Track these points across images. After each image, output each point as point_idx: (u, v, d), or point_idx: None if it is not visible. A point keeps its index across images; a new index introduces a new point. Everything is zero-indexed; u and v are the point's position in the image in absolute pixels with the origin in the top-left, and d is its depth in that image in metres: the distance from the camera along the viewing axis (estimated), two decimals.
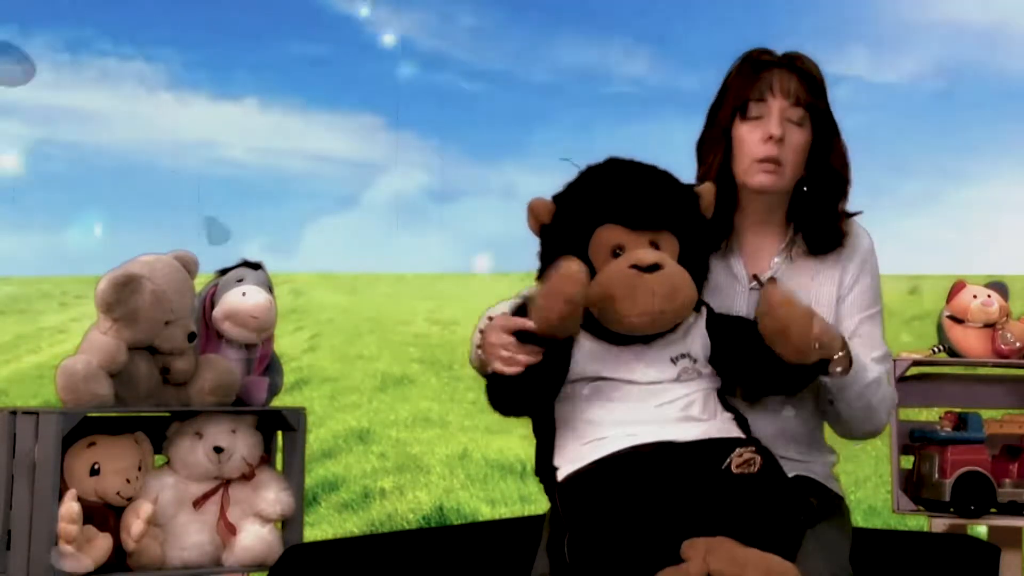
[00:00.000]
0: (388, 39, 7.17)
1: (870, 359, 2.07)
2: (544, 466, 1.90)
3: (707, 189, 1.93)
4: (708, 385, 1.90)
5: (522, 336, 1.80)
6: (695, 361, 1.89)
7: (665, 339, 1.87)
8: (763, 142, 2.02)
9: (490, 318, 1.92)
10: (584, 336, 1.88)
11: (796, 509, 1.86)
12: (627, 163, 1.92)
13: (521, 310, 1.85)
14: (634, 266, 1.79)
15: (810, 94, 2.04)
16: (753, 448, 1.81)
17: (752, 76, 2.05)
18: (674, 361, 1.87)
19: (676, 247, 1.86)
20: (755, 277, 2.09)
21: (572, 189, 1.92)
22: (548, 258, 1.90)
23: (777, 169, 2.03)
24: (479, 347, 1.94)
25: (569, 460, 1.84)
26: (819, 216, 2.10)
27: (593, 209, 1.86)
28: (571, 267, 1.77)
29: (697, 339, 1.90)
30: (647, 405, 1.83)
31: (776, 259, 2.10)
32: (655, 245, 1.84)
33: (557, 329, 1.77)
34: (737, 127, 2.06)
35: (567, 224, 1.88)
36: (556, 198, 1.92)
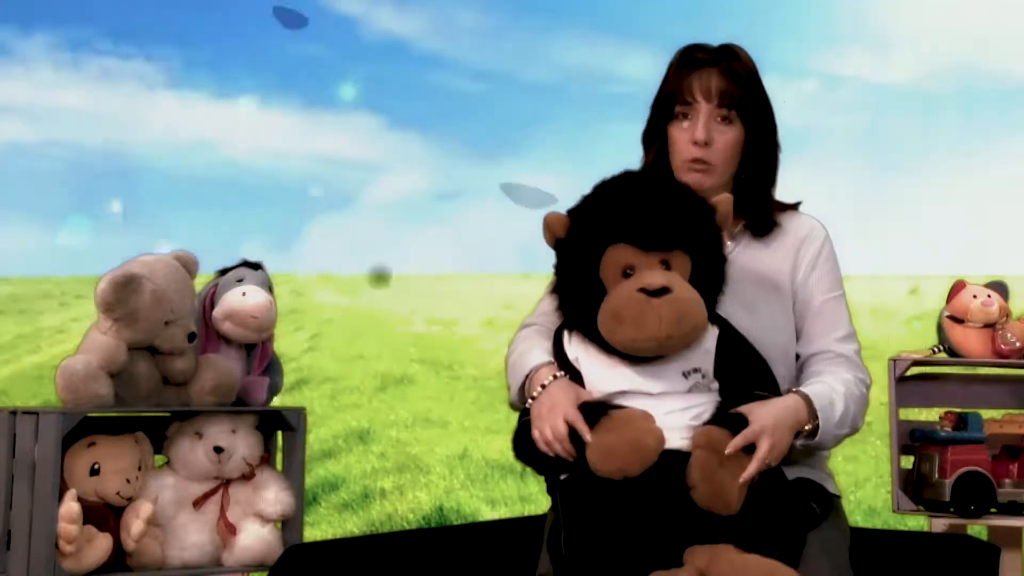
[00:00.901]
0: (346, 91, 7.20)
1: (834, 338, 2.10)
2: (553, 470, 1.91)
3: (724, 200, 1.92)
4: (718, 398, 1.90)
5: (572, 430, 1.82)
6: (705, 376, 1.89)
7: (677, 355, 1.87)
8: (691, 144, 2.06)
9: (556, 376, 1.92)
10: (597, 351, 1.89)
11: (797, 514, 1.87)
12: (640, 178, 1.93)
13: (591, 408, 1.83)
14: (642, 290, 1.78)
15: (739, 89, 2.07)
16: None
17: (680, 78, 2.09)
18: (686, 376, 1.87)
19: (688, 266, 1.85)
20: None
21: (585, 205, 1.91)
22: (564, 273, 1.91)
23: (707, 168, 2.07)
24: (527, 388, 1.96)
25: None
26: (753, 202, 2.13)
27: (604, 228, 1.85)
28: (656, 431, 1.78)
29: (708, 355, 1.90)
30: (656, 413, 1.83)
31: (729, 243, 2.10)
32: (666, 264, 1.83)
33: (616, 475, 1.77)
34: (669, 126, 2.10)
35: (580, 241, 1.87)
36: (571, 212, 1.91)
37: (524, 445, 1.91)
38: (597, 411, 1.82)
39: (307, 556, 2.17)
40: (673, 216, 1.85)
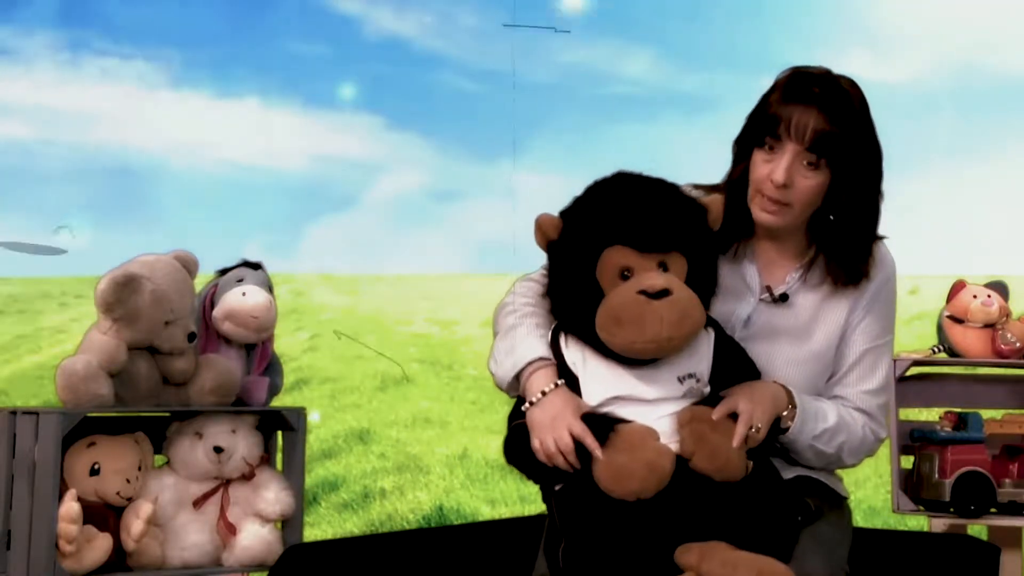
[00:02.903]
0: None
1: (860, 391, 2.06)
2: (549, 479, 1.91)
3: (715, 201, 1.89)
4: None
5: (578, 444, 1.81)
6: (699, 380, 1.88)
7: (673, 359, 1.86)
8: (768, 180, 1.96)
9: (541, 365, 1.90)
10: (593, 356, 1.87)
11: (790, 510, 1.87)
12: (635, 180, 1.89)
13: (594, 420, 1.82)
14: (642, 292, 1.77)
15: (835, 130, 1.93)
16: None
17: (775, 109, 1.96)
18: (681, 381, 1.86)
19: (685, 267, 1.83)
20: (768, 289, 2.05)
21: (579, 206, 1.88)
22: (557, 275, 1.89)
23: (781, 210, 1.98)
24: (518, 379, 1.93)
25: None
26: (841, 247, 2.03)
27: (600, 230, 1.82)
28: (668, 451, 1.77)
29: (704, 359, 1.90)
30: (649, 418, 1.82)
31: (793, 274, 2.06)
32: (663, 266, 1.82)
33: (631, 498, 1.77)
34: (756, 151, 1.99)
35: (575, 243, 1.85)
36: (563, 214, 1.89)
37: (518, 451, 1.89)
38: (602, 425, 1.81)
39: (307, 556, 2.17)
40: (670, 218, 1.83)
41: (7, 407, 2.41)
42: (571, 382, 1.88)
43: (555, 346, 1.92)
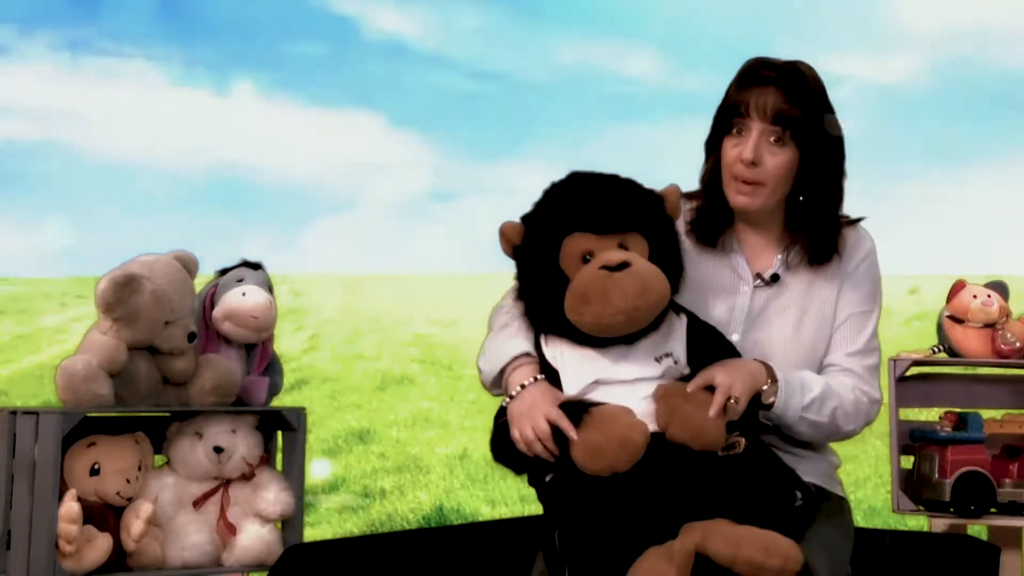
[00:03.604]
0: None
1: (844, 353, 2.10)
2: (534, 470, 1.93)
3: (671, 191, 1.95)
4: None
5: (555, 429, 1.84)
6: (677, 362, 1.91)
7: (648, 339, 1.89)
8: (739, 162, 2.03)
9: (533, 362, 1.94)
10: (567, 345, 1.91)
11: (789, 485, 1.87)
12: (588, 174, 1.95)
13: (570, 407, 1.85)
14: (604, 267, 1.82)
15: (797, 110, 2.02)
16: (737, 432, 1.85)
17: (739, 92, 2.06)
18: (658, 360, 1.90)
19: (645, 247, 1.88)
20: (759, 275, 2.11)
21: (538, 207, 1.95)
22: (525, 279, 1.94)
23: (754, 190, 2.04)
24: (504, 382, 1.96)
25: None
26: (813, 227, 2.10)
27: (559, 220, 1.89)
28: (640, 425, 1.80)
29: (679, 342, 1.93)
30: (632, 399, 1.85)
31: (778, 257, 2.11)
32: (623, 247, 1.87)
33: (605, 472, 1.79)
34: (724, 139, 2.08)
35: (537, 240, 1.90)
36: (524, 218, 1.95)
37: (502, 447, 1.93)
38: (578, 409, 1.84)
39: (307, 556, 2.17)
40: (624, 200, 1.89)
41: (7, 407, 2.41)
42: (553, 377, 1.92)
43: (537, 345, 1.96)
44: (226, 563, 2.48)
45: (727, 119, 2.06)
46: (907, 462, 2.89)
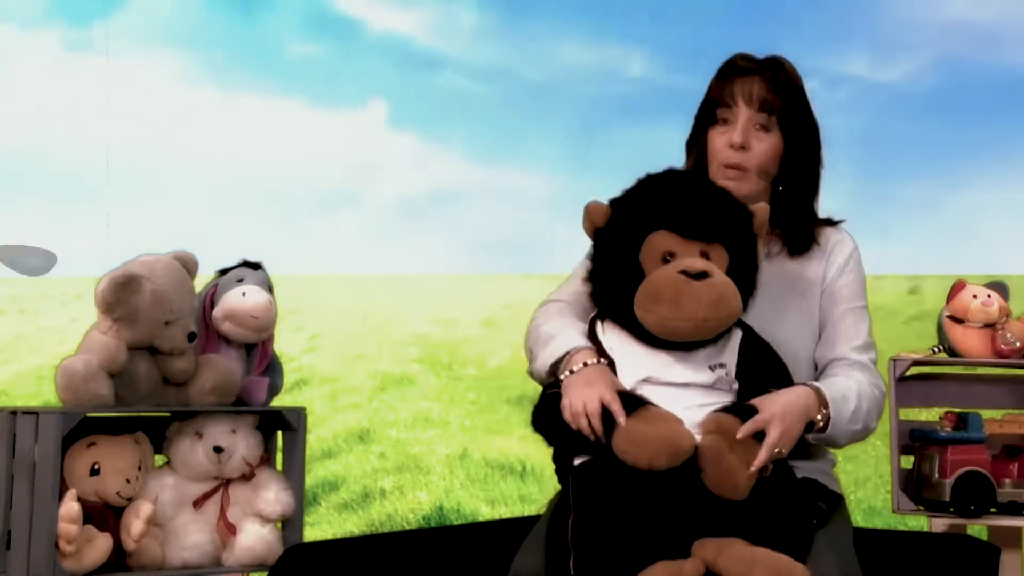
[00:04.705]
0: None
1: (851, 347, 2.12)
2: (570, 446, 1.92)
3: (762, 209, 1.96)
4: (735, 400, 1.92)
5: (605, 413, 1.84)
6: (728, 373, 1.91)
7: (708, 348, 1.90)
8: (728, 148, 2.09)
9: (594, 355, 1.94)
10: (629, 340, 1.91)
11: (807, 512, 1.88)
12: (685, 174, 1.99)
13: (627, 398, 1.85)
14: (683, 272, 1.81)
15: (780, 99, 2.10)
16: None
17: (724, 82, 2.13)
18: (712, 368, 1.90)
19: (726, 260, 1.88)
20: None
21: (629, 195, 1.95)
22: (602, 259, 1.93)
23: (742, 175, 2.10)
24: (563, 365, 1.96)
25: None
26: (792, 217, 2.16)
27: (648, 215, 1.88)
28: (690, 435, 1.79)
29: (732, 353, 1.93)
30: (676, 407, 1.85)
31: (763, 251, 2.11)
32: (705, 255, 1.87)
33: (642, 465, 1.78)
34: (710, 130, 2.14)
35: (621, 228, 1.90)
36: (613, 202, 1.95)
37: (546, 416, 1.92)
38: (634, 402, 1.84)
39: (307, 556, 2.17)
40: (715, 210, 1.90)
41: (7, 407, 2.41)
42: (609, 367, 1.92)
43: (592, 335, 1.96)
44: (226, 563, 2.49)
45: (712, 111, 2.13)
46: (907, 462, 2.89)
